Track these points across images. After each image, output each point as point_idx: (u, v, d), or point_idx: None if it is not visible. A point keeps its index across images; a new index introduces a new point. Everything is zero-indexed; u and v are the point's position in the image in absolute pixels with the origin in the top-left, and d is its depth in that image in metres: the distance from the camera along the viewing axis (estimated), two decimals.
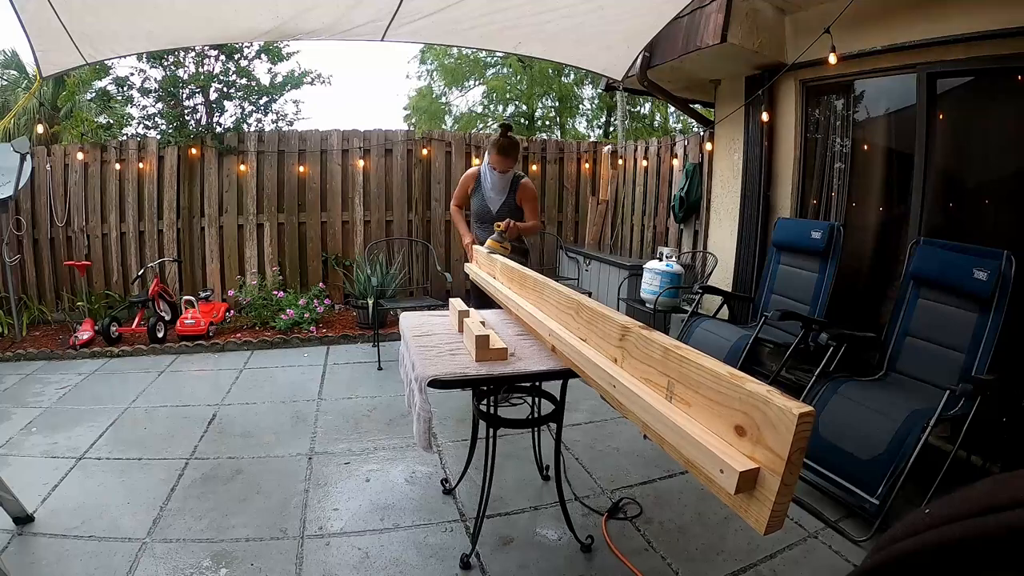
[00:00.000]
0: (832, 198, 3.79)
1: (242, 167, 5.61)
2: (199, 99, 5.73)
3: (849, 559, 2.08)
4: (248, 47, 5.80)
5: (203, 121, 5.73)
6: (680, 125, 12.84)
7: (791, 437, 0.83)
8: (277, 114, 6.24)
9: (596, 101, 14.51)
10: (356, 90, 29.35)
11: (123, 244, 5.56)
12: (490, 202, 3.24)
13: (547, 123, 14.88)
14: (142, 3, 2.51)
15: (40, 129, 6.40)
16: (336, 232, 5.90)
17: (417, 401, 1.76)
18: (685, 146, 5.17)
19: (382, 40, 3.01)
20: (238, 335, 4.94)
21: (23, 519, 2.20)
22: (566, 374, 1.80)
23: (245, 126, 5.89)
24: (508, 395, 3.17)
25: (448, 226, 6.17)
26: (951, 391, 2.15)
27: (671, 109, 12.28)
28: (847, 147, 3.70)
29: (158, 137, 5.54)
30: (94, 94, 6.14)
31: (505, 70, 14.05)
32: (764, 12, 3.65)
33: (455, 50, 12.97)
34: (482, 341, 1.82)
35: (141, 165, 5.46)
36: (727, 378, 0.97)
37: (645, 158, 5.76)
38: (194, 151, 5.47)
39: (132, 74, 5.66)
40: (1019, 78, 2.76)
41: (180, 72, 5.64)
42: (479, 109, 14.73)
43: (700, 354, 1.08)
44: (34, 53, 2.49)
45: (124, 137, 5.69)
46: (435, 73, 14.50)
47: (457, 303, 2.24)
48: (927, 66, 3.00)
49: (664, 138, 5.77)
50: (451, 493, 2.49)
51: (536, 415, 2.34)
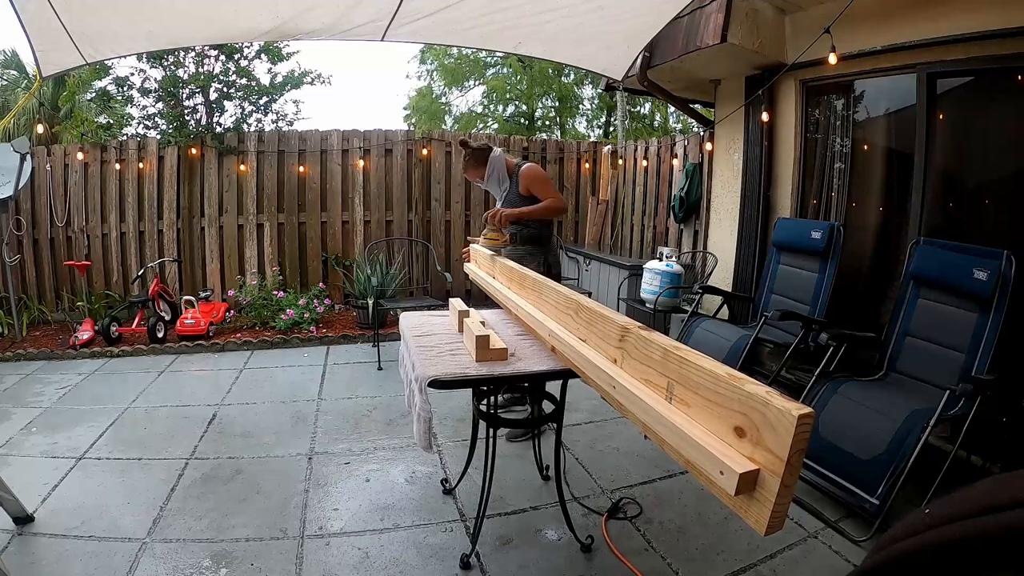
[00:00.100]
0: (832, 198, 3.79)
1: (242, 167, 5.61)
2: (199, 99, 5.74)
3: (849, 559, 2.08)
4: (248, 47, 5.80)
5: (203, 121, 5.73)
6: (680, 125, 12.85)
7: (790, 439, 0.83)
8: (277, 114, 6.25)
9: (596, 101, 14.52)
10: (356, 90, 29.38)
11: (123, 244, 5.56)
12: (496, 201, 3.26)
13: (547, 123, 14.88)
14: (142, 3, 2.51)
15: (40, 129, 6.40)
16: (336, 232, 5.90)
17: (417, 401, 1.76)
18: (685, 146, 5.17)
19: (382, 40, 3.01)
20: (238, 335, 4.94)
21: (23, 519, 2.20)
22: (566, 374, 1.80)
23: (245, 126, 5.89)
24: (509, 405, 3.18)
25: (448, 226, 6.17)
26: (951, 391, 2.15)
27: (671, 109, 12.28)
28: (847, 147, 3.70)
29: (158, 137, 5.54)
30: (94, 94, 6.15)
31: (505, 70, 14.05)
32: (764, 12, 3.65)
33: (455, 50, 12.97)
34: (482, 341, 1.82)
35: (141, 165, 5.46)
36: (726, 379, 0.97)
37: (645, 158, 5.76)
38: (194, 151, 5.47)
39: (132, 74, 5.67)
40: (1019, 78, 2.76)
41: (180, 72, 5.64)
42: (479, 109, 14.74)
43: (700, 355, 1.08)
44: (34, 53, 2.50)
45: (124, 137, 5.69)
46: (435, 73, 14.51)
47: (457, 303, 2.24)
48: (927, 66, 3.00)
49: (664, 138, 5.77)
50: (451, 493, 2.49)
51: (536, 415, 2.35)
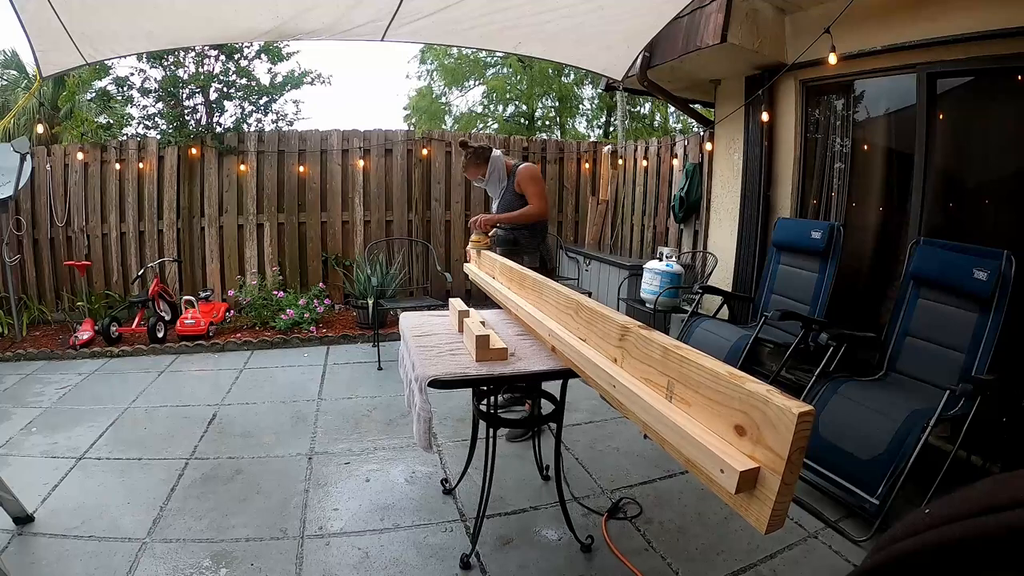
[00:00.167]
0: (832, 198, 3.78)
1: (242, 167, 5.61)
2: (199, 99, 5.74)
3: (849, 559, 2.08)
4: (248, 47, 5.80)
5: (203, 121, 5.73)
6: (680, 125, 12.85)
7: (791, 436, 0.83)
8: (277, 114, 6.25)
9: (596, 101, 14.51)
10: (356, 90, 29.40)
11: (123, 244, 5.56)
12: (494, 201, 3.34)
13: (547, 123, 14.88)
14: (142, 3, 2.51)
15: (40, 129, 6.39)
16: (336, 232, 5.90)
17: (417, 401, 1.76)
18: (685, 146, 5.17)
19: (382, 40, 3.01)
20: (238, 335, 4.94)
21: (23, 519, 2.20)
22: (566, 374, 1.80)
23: (245, 126, 5.89)
24: (509, 405, 3.18)
25: (448, 226, 6.17)
26: (951, 391, 2.15)
27: (671, 109, 12.28)
28: (847, 147, 3.70)
29: (158, 137, 5.54)
30: (94, 94, 6.15)
31: (505, 70, 14.05)
32: (764, 12, 3.65)
33: (455, 50, 12.97)
34: (482, 341, 1.82)
35: (141, 165, 5.46)
36: (727, 378, 0.97)
37: (645, 158, 5.76)
38: (194, 151, 5.47)
39: (132, 74, 5.67)
40: (1019, 78, 2.76)
41: (180, 72, 5.64)
42: (479, 109, 14.74)
43: (700, 354, 1.08)
44: (34, 53, 2.50)
45: (124, 137, 5.69)
46: (435, 73, 14.51)
47: (457, 303, 2.24)
48: (927, 66, 3.00)
49: (664, 138, 5.77)
50: (451, 493, 2.49)
51: (536, 415, 2.35)
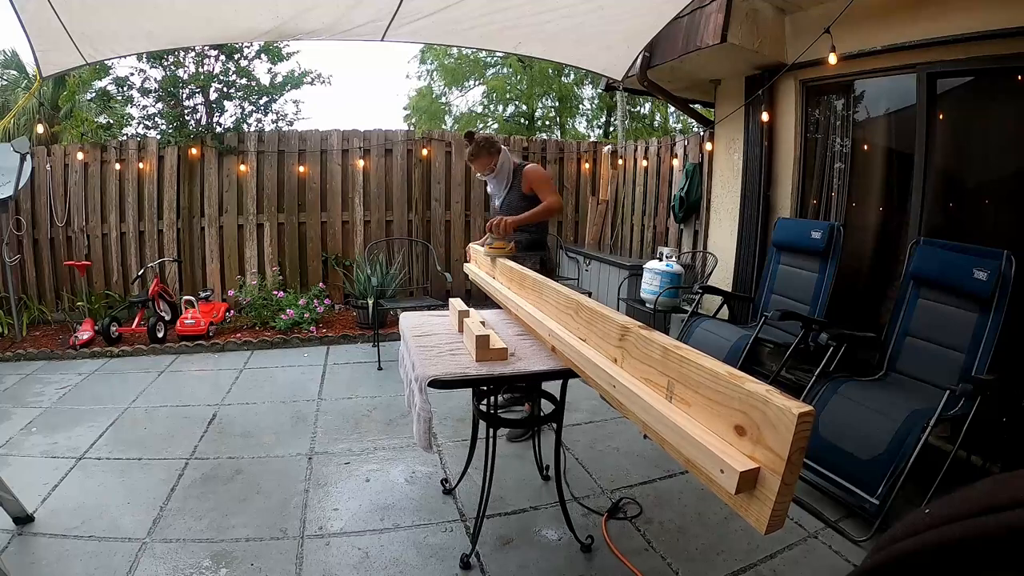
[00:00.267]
0: (832, 198, 3.78)
1: (242, 167, 5.61)
2: (199, 99, 5.74)
3: (849, 559, 2.08)
4: (248, 47, 5.80)
5: (203, 121, 5.73)
6: (680, 125, 12.84)
7: (791, 437, 0.83)
8: (277, 114, 6.25)
9: (596, 101, 14.51)
10: (356, 90, 29.38)
11: (123, 244, 5.56)
12: (495, 198, 3.19)
13: (547, 123, 14.88)
14: (142, 3, 2.51)
15: (40, 129, 6.40)
16: (336, 232, 5.90)
17: (417, 401, 1.76)
18: (685, 146, 5.17)
19: (382, 40, 3.01)
20: (238, 335, 4.94)
21: (23, 519, 2.20)
22: (566, 374, 1.80)
23: (245, 126, 5.89)
24: (509, 405, 3.18)
25: (448, 226, 6.17)
26: (951, 391, 2.15)
27: (671, 109, 12.28)
28: (847, 147, 3.70)
29: (158, 137, 5.54)
30: (94, 94, 6.14)
31: (505, 70, 14.05)
32: (764, 12, 3.65)
33: (455, 50, 12.97)
34: (482, 341, 1.82)
35: (141, 165, 5.46)
36: (726, 378, 0.97)
37: (645, 158, 5.76)
38: (194, 151, 5.47)
39: (132, 74, 5.67)
40: (1019, 78, 2.76)
41: (180, 72, 5.64)
42: (479, 109, 14.73)
43: (700, 354, 1.08)
44: (34, 53, 2.50)
45: (124, 137, 5.69)
46: (435, 73, 14.50)
47: (457, 303, 2.24)
48: (927, 66, 3.00)
49: (664, 138, 5.77)
50: (451, 493, 2.49)
51: (536, 415, 2.34)
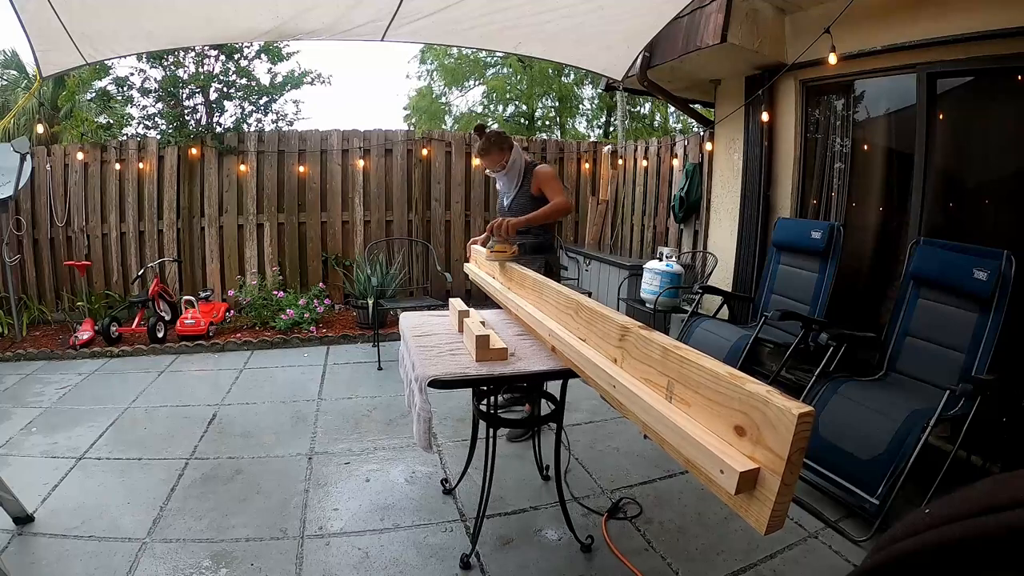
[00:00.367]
0: (832, 198, 3.78)
1: (242, 167, 5.61)
2: (199, 99, 5.74)
3: (849, 559, 2.08)
4: (248, 47, 5.80)
5: (203, 121, 5.73)
6: (680, 125, 12.84)
7: (791, 437, 0.83)
8: (277, 114, 6.26)
9: (596, 101, 14.51)
10: (356, 90, 29.37)
11: (123, 244, 5.56)
12: (504, 197, 3.08)
13: (547, 123, 14.87)
14: (142, 3, 2.51)
15: (40, 129, 6.40)
16: (336, 232, 5.90)
17: (417, 401, 1.76)
18: (685, 146, 5.17)
19: (382, 40, 3.01)
20: (238, 335, 4.94)
21: (23, 519, 2.20)
22: (566, 374, 1.80)
23: (245, 126, 5.89)
24: (509, 405, 3.18)
25: (448, 226, 6.17)
26: (951, 391, 2.15)
27: (671, 109, 12.28)
28: (847, 147, 3.70)
29: (158, 137, 5.54)
30: (94, 94, 6.15)
31: (505, 70, 14.05)
32: (764, 12, 3.65)
33: (455, 50, 12.96)
34: (482, 341, 1.82)
35: (141, 165, 5.46)
36: (726, 378, 0.97)
37: (645, 158, 5.76)
38: (194, 151, 5.47)
39: (132, 74, 5.67)
40: (1019, 78, 2.76)
41: (180, 72, 5.65)
42: (479, 109, 14.72)
43: (700, 354, 1.08)
44: (34, 53, 2.49)
45: (124, 137, 5.69)
46: (435, 73, 14.50)
47: (457, 303, 2.24)
48: (927, 66, 3.00)
49: (664, 138, 5.77)
50: (451, 493, 2.49)
51: (536, 415, 2.34)
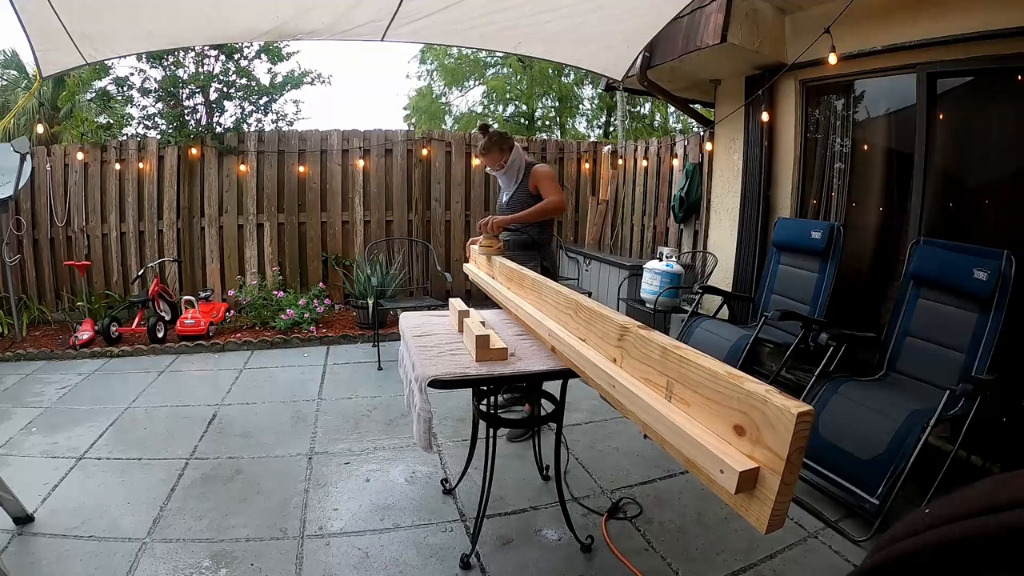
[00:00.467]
0: (832, 198, 3.78)
1: (242, 167, 5.61)
2: (199, 99, 5.74)
3: (849, 559, 2.08)
4: (248, 47, 5.80)
5: (203, 121, 5.73)
6: (680, 125, 12.84)
7: (790, 437, 0.83)
8: (277, 114, 6.26)
9: (596, 101, 14.50)
10: (356, 90, 29.38)
11: (123, 244, 5.56)
12: (504, 194, 3.17)
13: (547, 123, 14.87)
14: (142, 3, 2.51)
15: (40, 129, 6.40)
16: (336, 232, 5.90)
17: (417, 401, 1.76)
18: (685, 146, 5.17)
19: (382, 40, 3.01)
20: (238, 335, 4.94)
21: (23, 519, 2.20)
22: (566, 374, 1.80)
23: (245, 126, 5.89)
24: (509, 405, 3.18)
25: (448, 226, 6.17)
26: (951, 391, 2.15)
27: (671, 109, 12.27)
28: (847, 147, 3.70)
29: (158, 137, 5.54)
30: (94, 94, 6.15)
31: (505, 70, 14.04)
32: (764, 12, 3.65)
33: (455, 50, 12.96)
34: (482, 341, 1.82)
35: (141, 165, 5.46)
36: (725, 378, 0.97)
37: (645, 158, 5.76)
38: (194, 151, 5.47)
39: (132, 74, 5.67)
40: (1019, 78, 2.76)
41: (180, 72, 5.65)
42: (479, 109, 14.72)
43: (699, 354, 1.08)
44: (34, 53, 2.49)
45: (124, 137, 5.69)
46: (435, 73, 14.50)
47: (457, 303, 2.24)
48: (927, 66, 3.00)
49: (664, 138, 5.77)
50: (451, 493, 2.49)
51: (536, 415, 2.34)
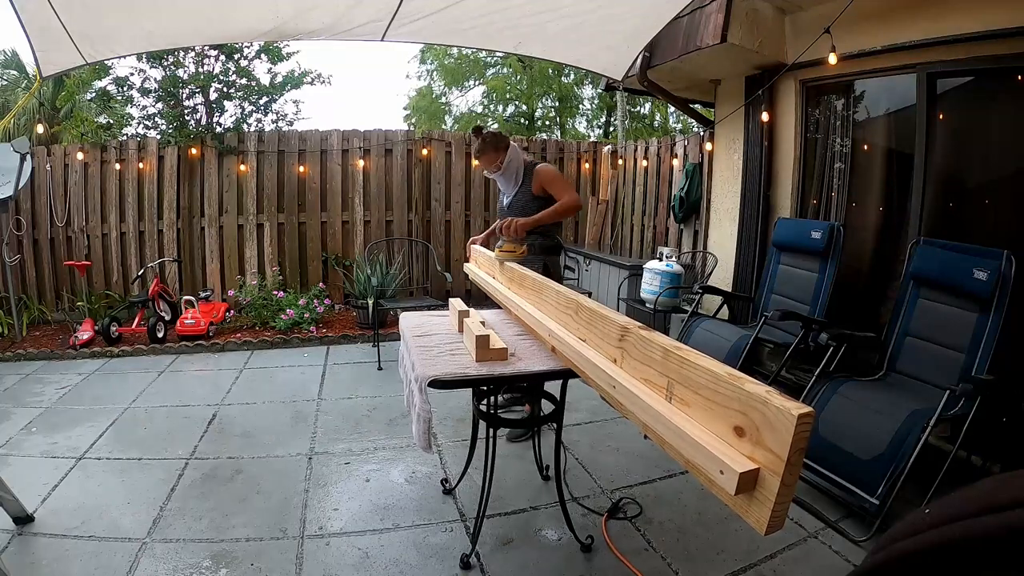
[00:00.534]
0: (832, 198, 3.78)
1: (242, 167, 5.61)
2: (199, 99, 5.74)
3: (849, 559, 2.08)
4: (248, 47, 5.80)
5: (203, 121, 5.73)
6: (680, 125, 12.84)
7: (790, 438, 0.83)
8: (277, 114, 6.25)
9: (596, 101, 14.50)
10: (356, 90, 29.31)
11: (123, 244, 5.56)
12: (504, 196, 3.02)
13: (547, 123, 14.87)
14: (142, 3, 2.51)
15: (40, 129, 6.37)
16: (336, 232, 5.90)
17: (417, 401, 1.76)
18: (685, 146, 5.17)
19: (382, 40, 3.01)
20: (238, 335, 4.94)
21: (23, 519, 2.20)
22: (566, 374, 1.80)
23: (245, 126, 5.89)
24: (509, 405, 3.17)
25: (448, 226, 6.17)
26: (951, 391, 2.15)
27: (671, 109, 12.27)
28: (847, 147, 3.70)
29: (158, 137, 5.54)
30: (94, 94, 6.15)
31: (505, 70, 14.04)
32: (764, 12, 3.65)
33: (455, 50, 12.96)
34: (482, 341, 1.82)
35: (141, 165, 5.46)
36: (726, 379, 0.97)
37: (645, 158, 5.76)
38: (194, 151, 5.47)
39: (132, 74, 5.67)
40: (1019, 78, 2.76)
41: (180, 72, 5.64)
42: (479, 109, 14.71)
43: (699, 354, 1.08)
44: (34, 53, 2.49)
45: (124, 137, 5.69)
46: (435, 73, 14.50)
47: (457, 303, 2.24)
48: (927, 66, 3.00)
49: (664, 138, 5.77)
50: (451, 493, 2.49)
51: (536, 415, 2.34)
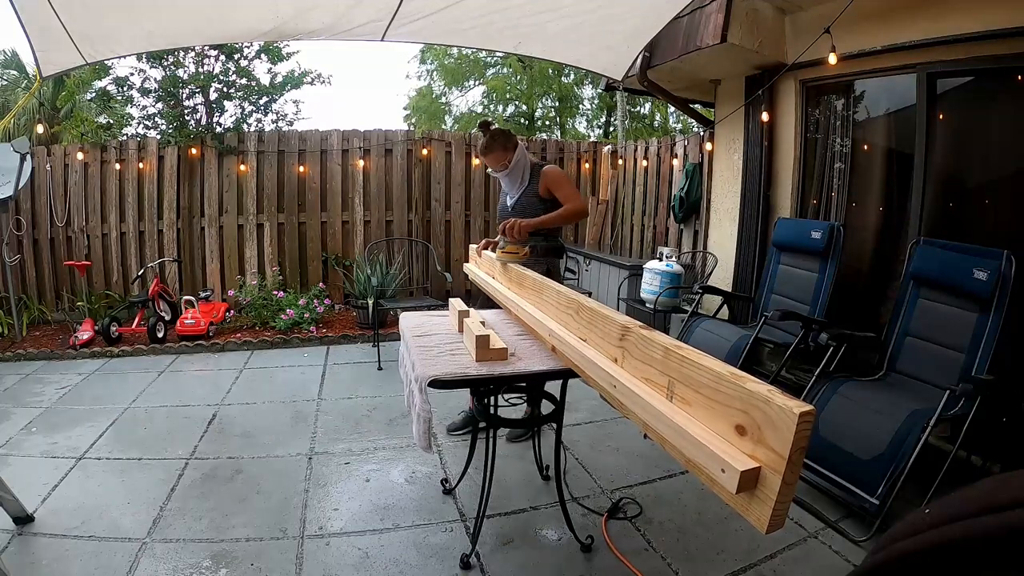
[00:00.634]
0: (832, 198, 3.78)
1: (242, 167, 5.61)
2: (199, 99, 5.74)
3: (849, 559, 2.08)
4: (248, 47, 5.80)
5: (203, 121, 5.73)
6: (680, 125, 12.84)
7: (792, 436, 0.83)
8: (277, 114, 6.25)
9: (596, 101, 14.50)
10: (356, 90, 29.41)
11: (123, 244, 5.56)
12: (507, 197, 2.92)
13: (547, 123, 14.87)
14: (142, 3, 2.51)
15: (40, 129, 6.37)
16: (336, 232, 5.90)
17: (417, 401, 1.76)
18: (685, 146, 5.17)
19: (382, 40, 3.01)
20: (238, 335, 4.94)
21: (23, 519, 2.20)
22: (566, 374, 1.80)
23: (245, 126, 5.89)
24: (507, 395, 3.17)
25: (448, 226, 6.17)
26: (951, 391, 2.15)
27: (671, 109, 12.27)
28: (847, 147, 3.70)
29: (158, 137, 5.54)
30: (94, 94, 6.15)
31: (505, 70, 14.04)
32: (764, 12, 3.65)
33: (455, 50, 12.96)
34: (482, 341, 1.82)
35: (141, 165, 5.46)
36: (728, 377, 0.97)
37: (645, 158, 5.76)
38: (194, 151, 5.47)
39: (132, 74, 5.67)
40: (1019, 78, 2.76)
41: (180, 72, 5.64)
42: (479, 109, 14.71)
43: (700, 353, 1.08)
44: (34, 53, 2.49)
45: (124, 137, 5.69)
46: (435, 73, 14.50)
47: (457, 303, 2.24)
48: (927, 66, 3.00)
49: (664, 138, 5.77)
50: (451, 493, 2.49)
51: (536, 415, 2.34)
